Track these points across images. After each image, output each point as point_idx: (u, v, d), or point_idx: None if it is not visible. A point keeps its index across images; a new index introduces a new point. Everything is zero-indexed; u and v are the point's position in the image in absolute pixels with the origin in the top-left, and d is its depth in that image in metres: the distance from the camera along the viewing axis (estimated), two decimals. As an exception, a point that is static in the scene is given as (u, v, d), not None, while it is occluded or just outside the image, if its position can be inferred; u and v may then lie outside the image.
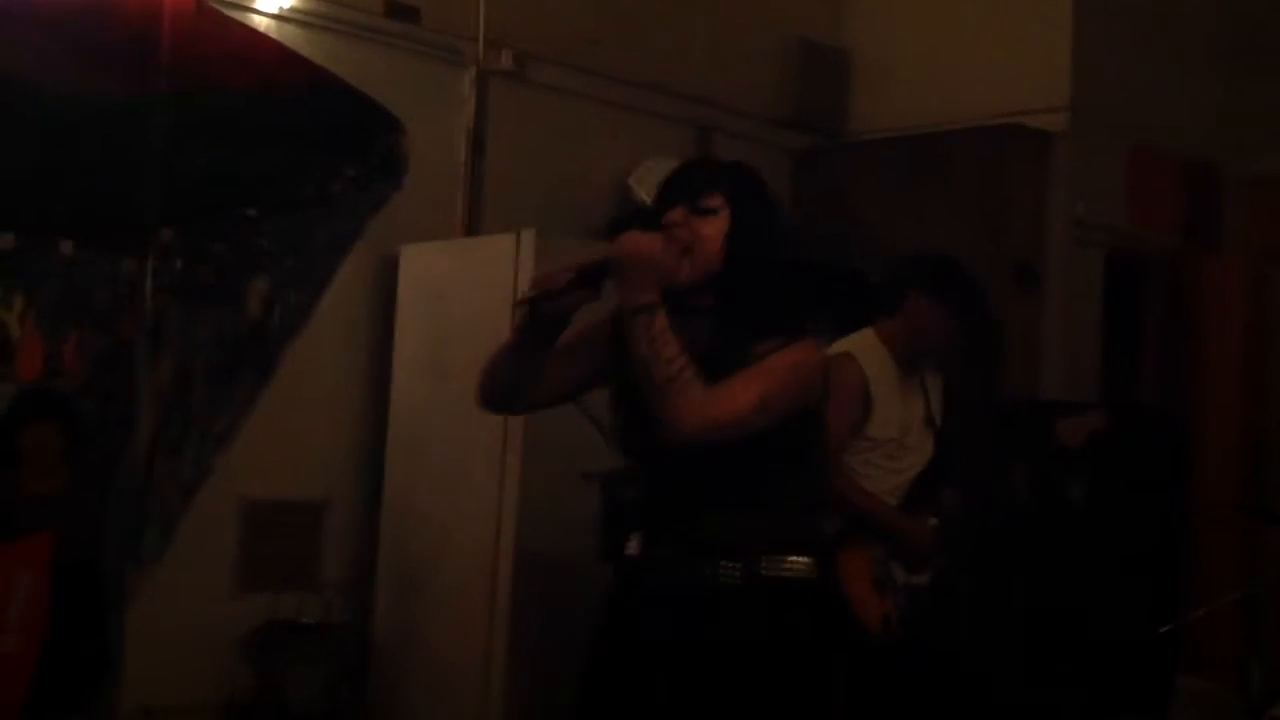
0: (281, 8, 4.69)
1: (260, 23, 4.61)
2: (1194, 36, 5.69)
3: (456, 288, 4.76)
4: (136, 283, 3.59)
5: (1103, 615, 4.63)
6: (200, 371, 3.64)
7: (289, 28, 4.68)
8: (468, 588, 4.51)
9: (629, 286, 2.22)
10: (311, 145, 3.35)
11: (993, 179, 5.36)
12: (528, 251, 4.52)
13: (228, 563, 4.65)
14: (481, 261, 4.70)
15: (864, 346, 3.60)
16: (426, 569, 4.66)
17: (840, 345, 3.64)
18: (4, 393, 3.78)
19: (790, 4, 6.07)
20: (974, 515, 3.79)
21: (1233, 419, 5.48)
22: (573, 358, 2.44)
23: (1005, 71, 5.49)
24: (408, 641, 4.68)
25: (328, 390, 4.84)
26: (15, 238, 3.65)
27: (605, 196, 5.37)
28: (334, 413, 4.89)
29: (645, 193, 5.26)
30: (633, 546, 2.42)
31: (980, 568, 4.31)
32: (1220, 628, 4.70)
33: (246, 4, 4.61)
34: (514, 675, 4.38)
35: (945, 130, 5.49)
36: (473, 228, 5.10)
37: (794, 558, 2.32)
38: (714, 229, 2.30)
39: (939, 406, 3.64)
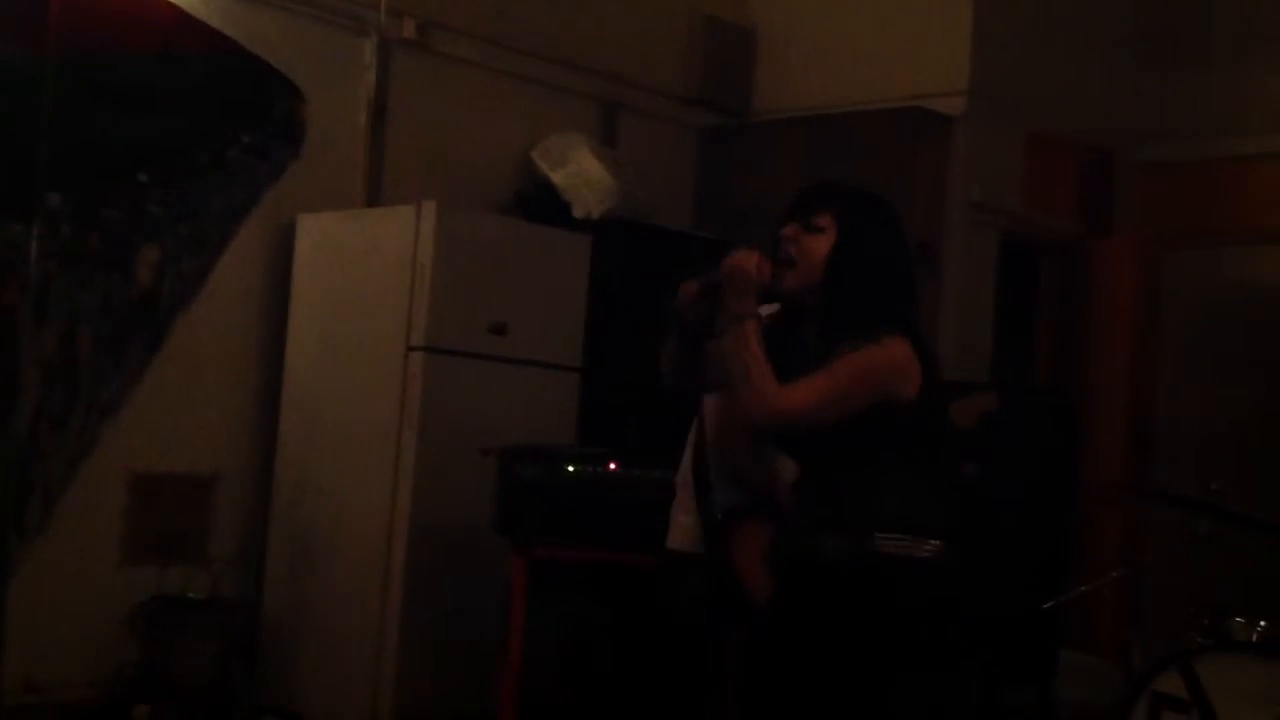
0: (177, -32, 4.56)
1: (155, -18, 4.49)
2: (1092, 24, 5.78)
3: (355, 259, 4.70)
4: (21, 249, 3.48)
5: (992, 590, 4.72)
6: (87, 340, 3.54)
7: (185, -11, 4.56)
8: (362, 562, 4.48)
9: (730, 297, 2.61)
10: (207, 111, 3.27)
11: (893, 161, 5.40)
12: (428, 223, 4.48)
13: (113, 536, 4.55)
14: (381, 233, 4.65)
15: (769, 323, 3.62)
16: (319, 543, 4.61)
17: None
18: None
19: (697, -19, 6.07)
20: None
21: (1122, 400, 5.60)
22: None
23: (907, 55, 5.54)
24: (299, 616, 4.63)
25: (220, 361, 4.75)
26: (-108, 200, 3.52)
27: (509, 170, 5.33)
28: (226, 384, 4.80)
29: (549, 167, 5.24)
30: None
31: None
32: (1105, 603, 4.82)
33: (140, -37, 4.48)
34: (407, 649, 4.37)
35: (847, 111, 5.53)
36: (372, 198, 5.03)
37: (900, 537, 2.56)
38: (821, 245, 2.62)
39: None
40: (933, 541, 2.56)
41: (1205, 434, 5.60)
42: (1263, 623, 3.55)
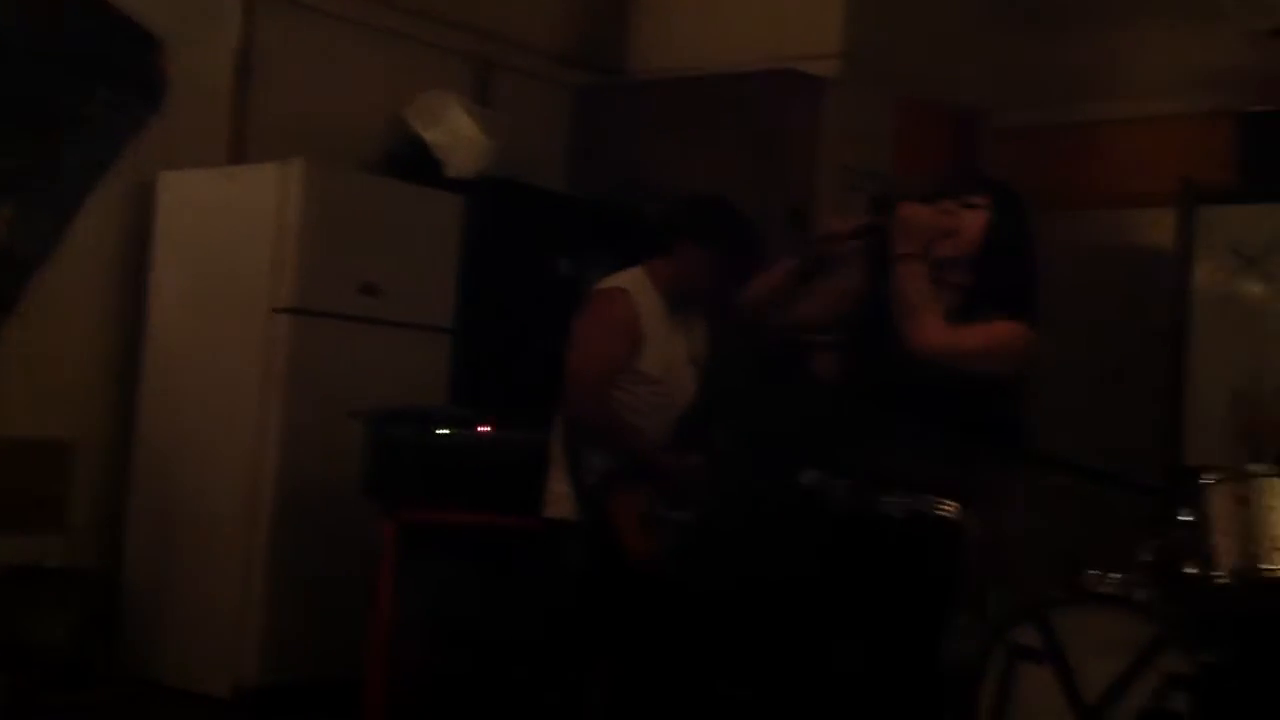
0: (29, -86, 4.39)
1: (4, -71, 4.31)
2: (962, -10, 5.86)
3: (219, 218, 4.60)
4: None
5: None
6: (-67, 301, 3.42)
7: (37, -64, 4.39)
8: (226, 527, 4.41)
9: (901, 239, 2.76)
10: (63, 63, 3.15)
11: (767, 122, 5.43)
12: (295, 182, 4.41)
13: (-34, 503, 4.41)
14: (246, 192, 4.55)
15: (635, 283, 3.63)
16: (183, 509, 4.53)
17: (612, 280, 3.66)
18: None
19: (573, -62, 6.02)
20: (739, 451, 3.87)
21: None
22: (823, 299, 2.98)
23: (781, 17, 5.56)
24: (162, 584, 4.54)
25: (77, 323, 4.61)
26: None
27: (380, 128, 5.23)
28: (84, 347, 4.66)
29: (421, 126, 5.16)
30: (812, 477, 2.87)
31: (745, 503, 4.41)
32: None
33: (-11, -93, 4.30)
34: (273, 615, 4.33)
35: (722, 72, 5.54)
36: (237, 156, 4.91)
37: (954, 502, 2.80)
38: (976, 221, 2.84)
39: (703, 346, 3.70)
40: (949, 502, 2.82)
41: (1064, 392, 5.75)
42: (1115, 575, 3.66)
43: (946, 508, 2.81)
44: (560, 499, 3.60)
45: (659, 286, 3.63)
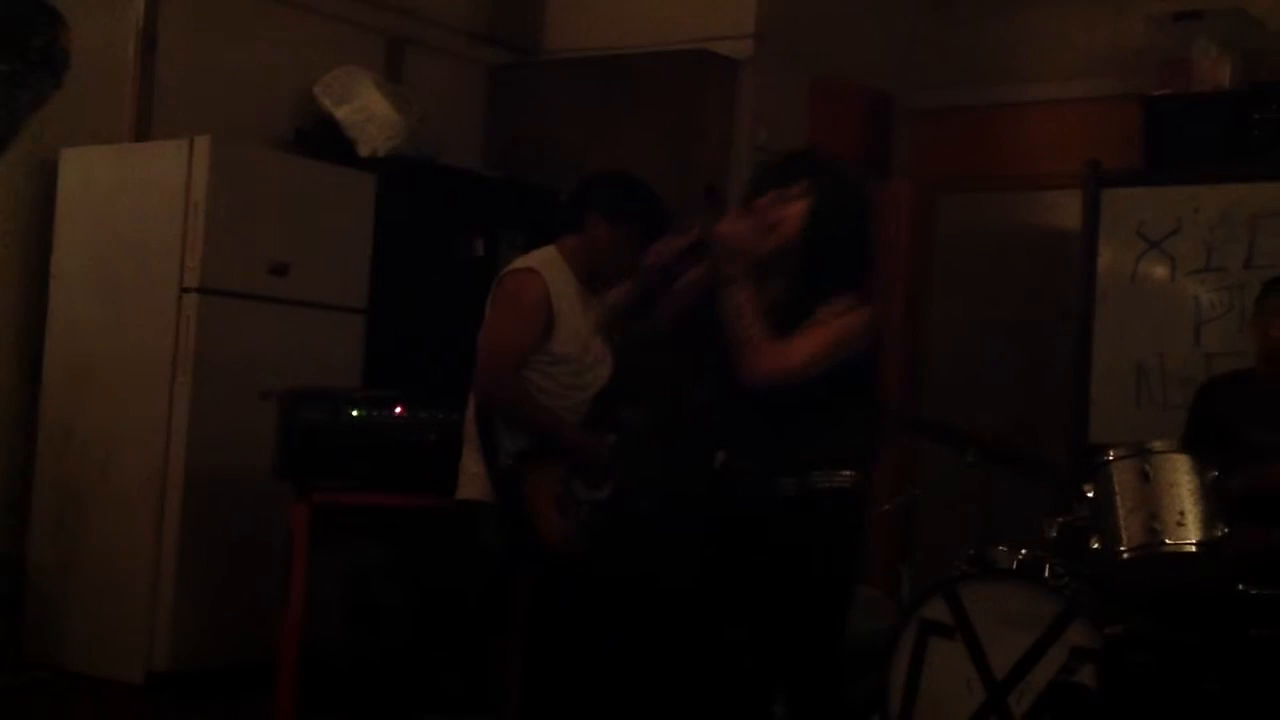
0: (-79, -120, 4.25)
1: (-104, -105, 4.17)
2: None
3: (124, 196, 4.52)
4: None
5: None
6: None
7: (-70, -97, 4.25)
8: (134, 510, 4.35)
9: (724, 261, 2.79)
10: (-41, 37, 3.07)
11: (682, 103, 5.44)
12: (201, 159, 4.35)
13: None
14: (151, 168, 4.47)
15: (547, 262, 3.61)
16: (89, 491, 4.44)
17: (524, 260, 3.64)
18: None
19: (485, -85, 5.96)
20: (653, 431, 3.88)
21: (896, 335, 5.79)
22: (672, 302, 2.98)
23: (695, -4, 5.56)
24: (68, 567, 4.46)
25: (-26, 304, 4.51)
26: None
27: (289, 105, 5.15)
28: (-17, 326, 4.56)
29: (332, 103, 5.09)
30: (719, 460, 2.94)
31: (661, 482, 4.42)
32: (877, 534, 5.00)
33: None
34: (183, 598, 4.28)
35: (636, 52, 5.53)
36: (142, 132, 4.80)
37: (843, 472, 2.86)
38: (796, 209, 2.82)
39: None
40: (855, 473, 2.87)
41: (973, 370, 5.85)
42: (1023, 550, 3.73)
43: (842, 478, 2.86)
44: (474, 479, 3.58)
45: (571, 265, 3.62)
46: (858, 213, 2.91)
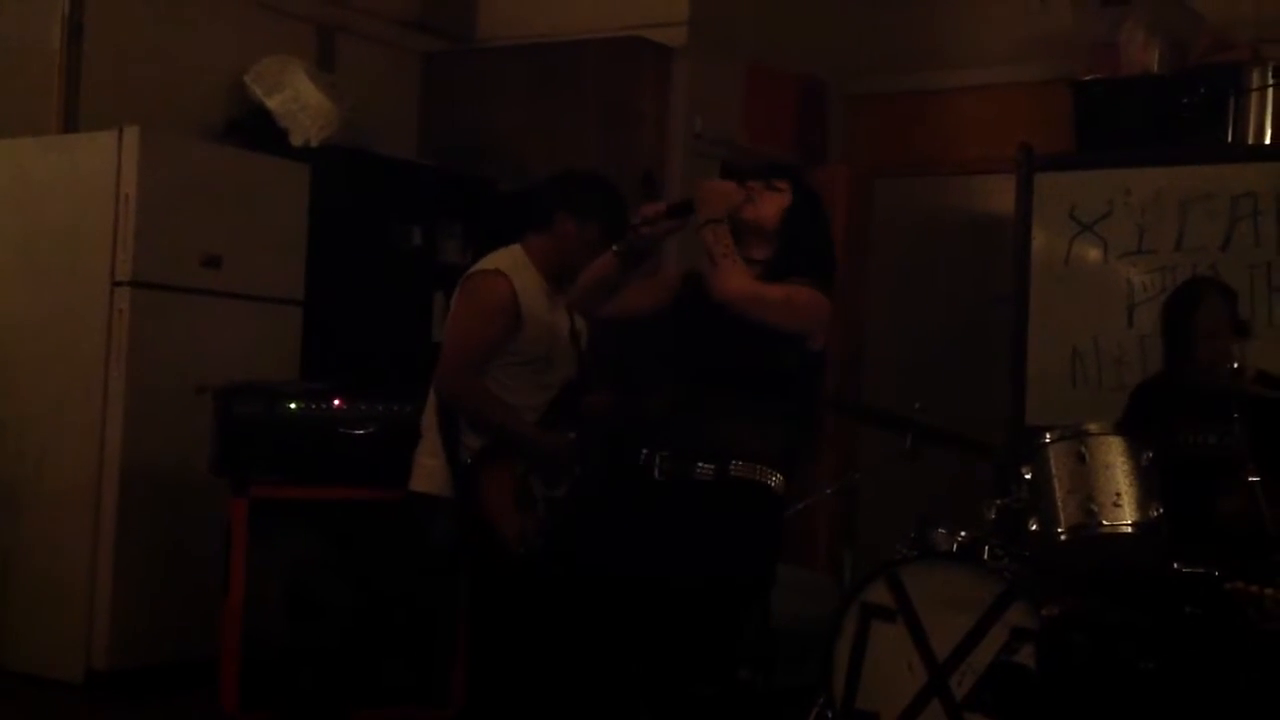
0: None
1: None
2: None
3: (51, 188, 4.45)
4: None
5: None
6: None
7: None
8: (71, 508, 4.29)
9: (706, 209, 2.98)
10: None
11: (616, 90, 5.43)
12: (131, 151, 4.29)
13: None
14: (80, 160, 4.40)
15: (514, 263, 3.59)
16: (24, 489, 4.39)
17: (490, 262, 3.61)
18: None
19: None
20: (615, 428, 3.87)
21: (835, 324, 5.81)
22: (645, 291, 3.17)
23: (627, -17, 5.55)
24: (4, 568, 4.39)
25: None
26: None
27: (220, 95, 5.08)
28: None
29: (263, 92, 5.02)
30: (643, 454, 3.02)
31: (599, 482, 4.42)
32: (818, 518, 5.04)
33: None
34: (121, 596, 4.24)
35: (571, 40, 5.51)
36: (69, 123, 4.72)
37: (762, 468, 2.96)
38: (777, 202, 3.05)
39: (583, 324, 3.68)
40: (777, 474, 2.98)
41: (910, 354, 5.89)
42: (963, 533, 3.76)
43: (761, 473, 2.95)
44: (430, 473, 3.55)
45: (537, 264, 3.60)
46: (825, 227, 3.13)
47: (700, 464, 2.93)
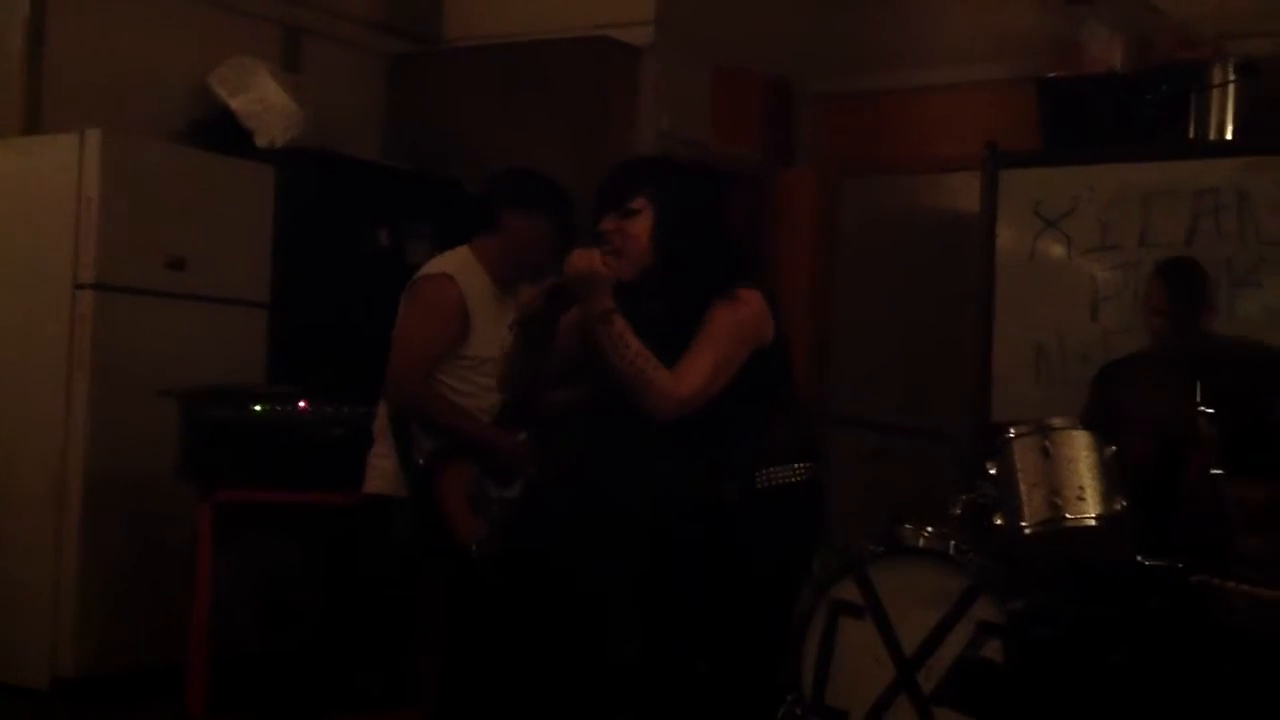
0: None
1: None
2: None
3: (13, 191, 4.43)
4: None
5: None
6: None
7: None
8: (35, 513, 4.26)
9: (585, 300, 2.54)
10: None
11: (583, 91, 5.42)
12: (93, 152, 4.27)
13: None
14: (42, 163, 4.38)
15: (461, 266, 3.58)
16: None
17: (437, 265, 3.61)
18: None
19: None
20: (567, 428, 3.86)
21: (803, 323, 5.84)
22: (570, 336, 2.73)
23: (594, -16, 5.54)
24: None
25: None
26: None
27: (183, 96, 5.04)
28: None
29: (228, 93, 5.00)
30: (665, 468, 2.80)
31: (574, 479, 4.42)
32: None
33: None
34: (87, 603, 4.21)
35: (537, 40, 5.50)
36: (31, 125, 4.68)
37: (791, 465, 2.73)
38: (641, 227, 2.63)
39: None
40: (800, 464, 2.74)
41: (877, 352, 5.91)
42: (929, 529, 3.78)
43: (791, 471, 2.73)
44: (383, 474, 3.55)
45: (486, 265, 3.60)
46: (711, 208, 2.76)
47: (725, 482, 2.70)
